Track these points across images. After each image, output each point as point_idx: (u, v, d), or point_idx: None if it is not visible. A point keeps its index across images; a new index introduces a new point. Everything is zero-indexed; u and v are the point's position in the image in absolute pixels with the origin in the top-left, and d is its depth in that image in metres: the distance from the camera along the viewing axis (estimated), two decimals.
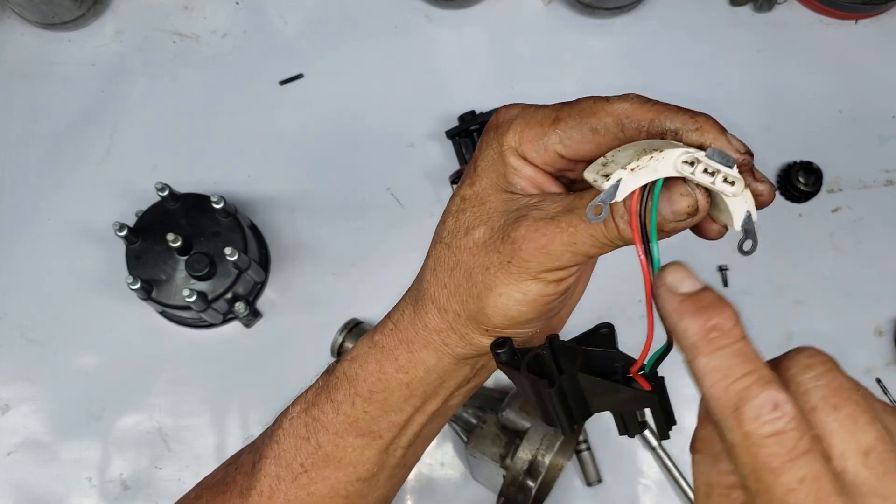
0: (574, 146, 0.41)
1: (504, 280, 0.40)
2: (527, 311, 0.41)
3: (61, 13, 0.88)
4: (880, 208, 0.87)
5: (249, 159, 0.88)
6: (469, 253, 0.42)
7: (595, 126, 0.40)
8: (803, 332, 0.85)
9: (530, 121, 0.42)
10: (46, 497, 0.81)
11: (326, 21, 0.92)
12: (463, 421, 0.76)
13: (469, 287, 0.42)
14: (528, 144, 0.42)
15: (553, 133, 0.41)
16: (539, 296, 0.41)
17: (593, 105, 0.41)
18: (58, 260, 0.86)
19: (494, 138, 0.42)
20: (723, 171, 0.35)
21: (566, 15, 0.92)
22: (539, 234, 0.39)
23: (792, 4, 0.92)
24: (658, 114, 0.40)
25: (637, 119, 0.40)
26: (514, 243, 0.40)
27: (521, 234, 0.40)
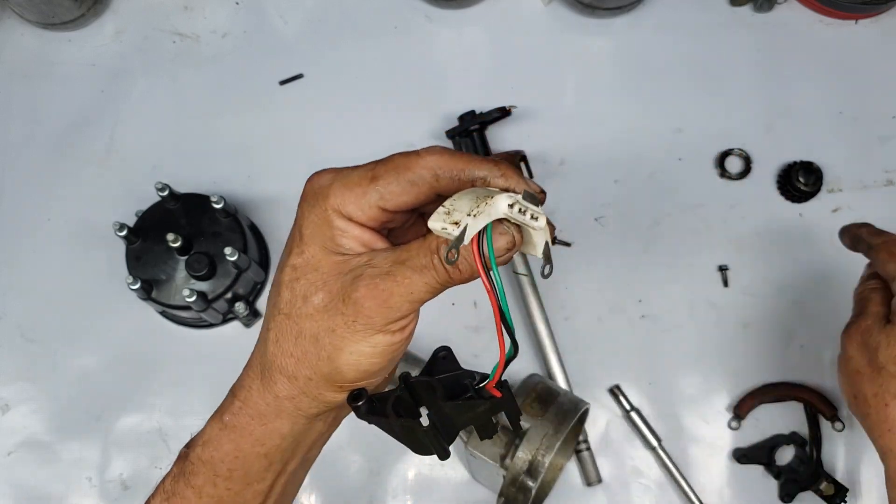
0: (395, 199, 0.44)
1: (352, 339, 0.43)
2: (378, 361, 0.44)
3: (61, 13, 0.88)
4: (880, 208, 0.87)
5: (249, 159, 0.88)
6: (311, 319, 0.44)
7: (412, 179, 0.44)
8: (803, 332, 0.85)
9: (348, 182, 0.44)
10: (46, 497, 0.81)
11: (326, 21, 0.92)
12: None
13: (318, 351, 0.44)
14: (351, 205, 0.44)
15: (373, 190, 0.44)
16: (387, 346, 0.44)
17: (406, 160, 0.44)
18: (58, 260, 0.86)
19: (315, 204, 0.45)
20: (531, 209, 0.41)
21: (566, 15, 0.92)
22: (378, 291, 0.42)
23: (792, 4, 0.92)
24: (466, 164, 0.44)
25: (449, 169, 0.44)
26: (356, 303, 0.42)
27: (361, 293, 0.42)
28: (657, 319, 0.85)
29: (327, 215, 0.44)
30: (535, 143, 0.88)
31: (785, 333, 0.85)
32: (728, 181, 0.88)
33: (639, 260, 0.86)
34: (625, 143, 0.89)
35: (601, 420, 0.82)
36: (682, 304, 0.85)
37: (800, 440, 0.81)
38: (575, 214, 0.87)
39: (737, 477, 0.82)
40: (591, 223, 0.87)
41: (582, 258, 0.86)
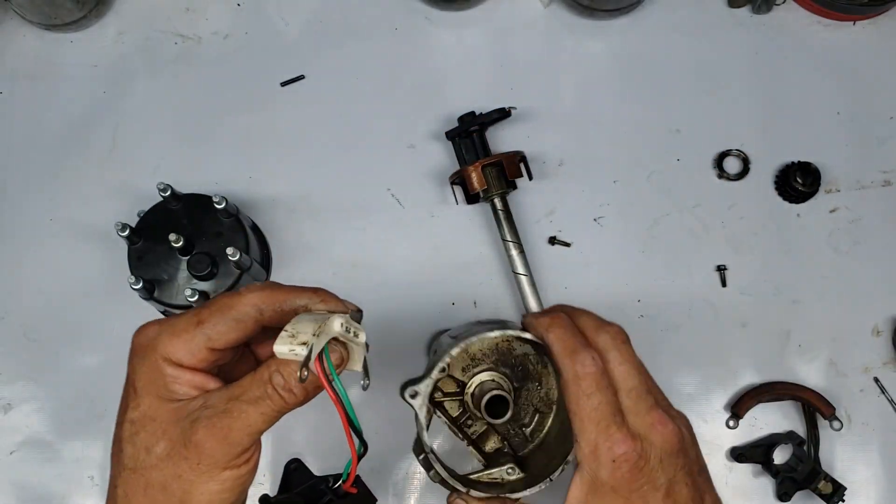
0: (222, 338, 0.46)
1: (199, 480, 0.45)
2: (229, 497, 0.46)
3: (63, 14, 0.89)
4: (878, 209, 0.88)
5: (251, 160, 0.89)
6: (156, 469, 0.46)
7: (237, 317, 0.46)
8: (801, 331, 0.85)
9: (175, 329, 0.46)
10: (48, 496, 0.82)
11: (327, 23, 0.92)
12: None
13: (168, 499, 0.46)
14: (180, 351, 0.46)
15: (200, 333, 0.46)
16: (235, 480, 0.46)
17: (230, 300, 0.47)
18: (60, 260, 0.86)
19: (145, 356, 0.46)
20: (354, 327, 0.46)
21: (565, 17, 0.93)
22: (217, 430, 0.44)
23: (790, 6, 0.93)
24: (287, 295, 0.47)
25: (272, 303, 0.47)
26: (197, 446, 0.44)
27: (200, 435, 0.44)
28: (656, 319, 0.85)
29: (158, 365, 0.46)
30: (535, 143, 0.88)
31: (783, 333, 0.85)
32: (726, 181, 0.89)
33: (637, 260, 0.87)
34: (624, 143, 0.89)
35: None
36: (681, 304, 0.86)
37: (798, 439, 0.82)
38: (574, 214, 0.88)
39: (735, 476, 0.83)
40: (590, 223, 0.88)
41: (581, 258, 0.86)
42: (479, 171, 0.81)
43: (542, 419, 0.59)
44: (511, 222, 0.83)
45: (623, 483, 0.48)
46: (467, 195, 0.85)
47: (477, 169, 0.81)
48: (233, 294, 0.47)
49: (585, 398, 0.49)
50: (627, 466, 0.48)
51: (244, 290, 0.47)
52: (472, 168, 0.81)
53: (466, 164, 0.84)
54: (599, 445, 0.48)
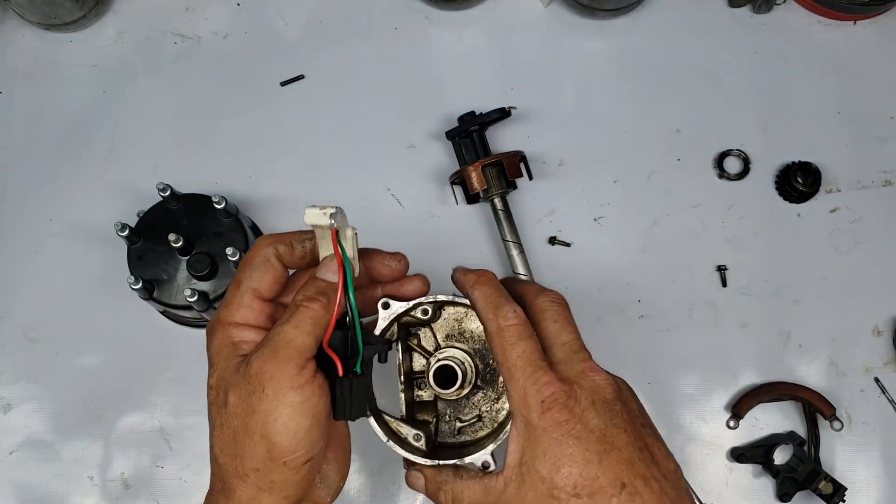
0: (261, 284, 0.52)
1: (270, 406, 0.47)
2: (302, 420, 0.48)
3: (63, 14, 0.89)
4: (878, 209, 0.88)
5: (251, 160, 0.89)
6: (236, 417, 0.49)
7: (261, 261, 0.53)
8: (801, 331, 0.85)
9: (225, 301, 0.52)
10: (48, 496, 0.82)
11: (327, 22, 0.92)
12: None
13: (251, 436, 0.48)
14: (237, 313, 0.51)
15: (244, 290, 0.52)
16: (302, 403, 0.48)
17: (248, 255, 0.53)
18: (60, 260, 0.86)
19: (213, 333, 0.52)
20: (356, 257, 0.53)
21: (565, 16, 0.92)
22: (267, 355, 0.48)
23: (790, 6, 0.93)
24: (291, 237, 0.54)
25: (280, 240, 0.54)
26: (256, 376, 0.48)
27: (255, 366, 0.48)
28: (656, 319, 0.85)
29: (225, 332, 0.51)
30: (535, 143, 0.88)
31: (783, 333, 0.85)
32: (727, 181, 0.89)
33: (638, 260, 0.87)
34: (624, 143, 0.89)
35: None
36: (681, 304, 0.86)
37: (798, 439, 0.82)
38: (574, 214, 0.87)
39: (735, 476, 0.83)
40: (590, 223, 0.88)
41: (581, 258, 0.86)
42: (479, 171, 0.81)
43: (479, 428, 0.59)
44: (511, 222, 0.83)
45: (554, 424, 0.47)
46: (467, 195, 0.85)
47: (477, 169, 0.81)
48: (249, 252, 0.53)
49: (510, 347, 0.50)
50: (557, 406, 0.48)
51: (256, 242, 0.54)
52: (472, 168, 0.81)
53: (466, 164, 0.83)
54: (527, 390, 0.49)
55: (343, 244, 0.51)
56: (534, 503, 0.48)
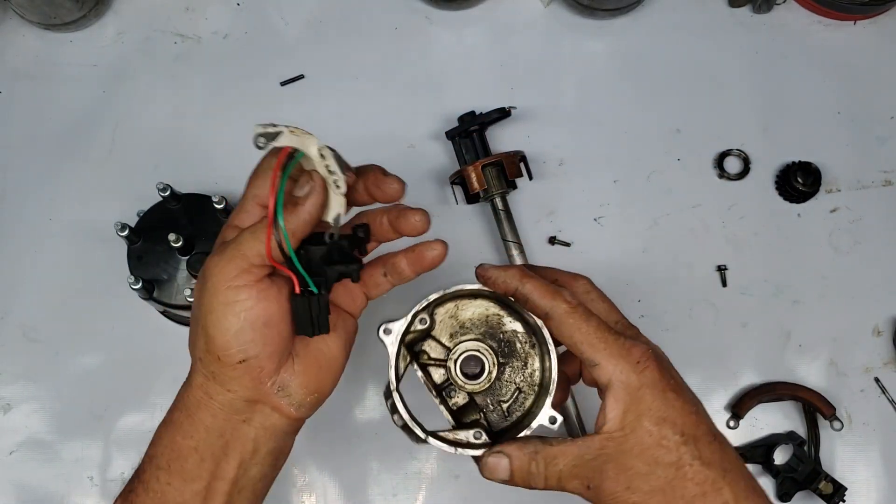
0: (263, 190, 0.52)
1: (209, 303, 0.50)
2: (236, 321, 0.50)
3: (63, 14, 0.89)
4: (878, 208, 0.88)
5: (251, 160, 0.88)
6: (193, 306, 0.52)
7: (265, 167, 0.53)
8: (802, 331, 0.85)
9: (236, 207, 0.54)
10: (48, 496, 0.82)
11: (327, 22, 0.92)
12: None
13: (195, 326, 0.52)
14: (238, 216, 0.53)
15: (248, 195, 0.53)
16: (235, 303, 0.50)
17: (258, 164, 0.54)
18: (59, 260, 0.86)
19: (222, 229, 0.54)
20: (333, 165, 0.50)
21: (565, 16, 0.92)
22: (217, 254, 0.51)
23: (790, 5, 0.93)
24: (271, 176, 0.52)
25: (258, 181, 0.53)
26: (205, 269, 0.51)
27: (207, 262, 0.51)
28: (656, 319, 0.85)
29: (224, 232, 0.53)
30: (535, 143, 0.88)
31: (783, 333, 0.85)
32: (727, 181, 0.89)
33: (638, 260, 0.87)
34: (624, 143, 0.89)
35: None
36: (681, 304, 0.86)
37: (798, 439, 0.82)
38: (574, 214, 0.87)
39: None
40: (590, 223, 0.88)
41: (581, 258, 0.86)
42: (479, 170, 0.81)
43: (523, 399, 0.60)
44: (511, 222, 0.83)
45: (653, 381, 0.51)
46: (467, 195, 0.85)
47: (477, 169, 0.81)
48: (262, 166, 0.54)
49: (584, 324, 0.52)
50: (651, 365, 0.51)
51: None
52: (472, 168, 0.81)
53: (466, 163, 0.83)
54: (619, 356, 0.51)
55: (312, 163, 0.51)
56: (641, 454, 0.50)
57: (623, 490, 0.51)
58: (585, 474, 0.52)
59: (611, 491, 0.51)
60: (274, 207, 0.49)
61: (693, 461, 0.50)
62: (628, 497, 0.51)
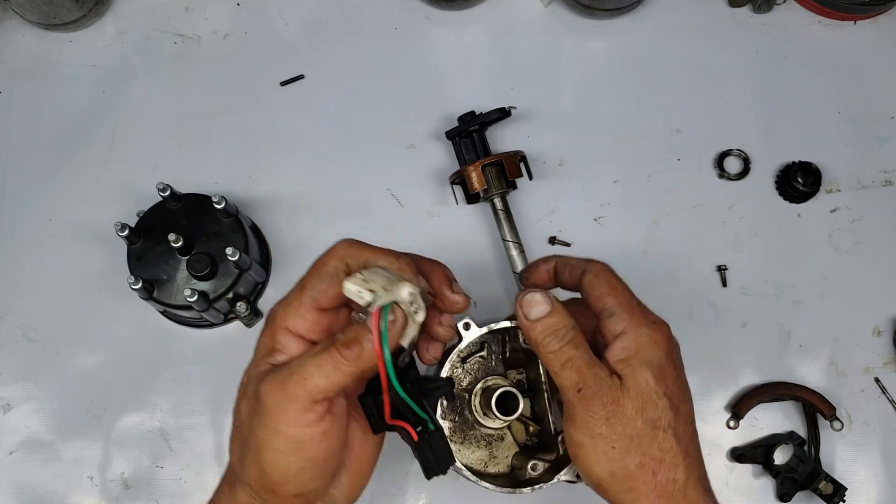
0: (323, 295, 0.50)
1: (266, 437, 0.47)
2: (295, 461, 0.47)
3: (63, 14, 0.89)
4: (879, 209, 0.88)
5: (250, 160, 0.89)
6: (245, 428, 0.49)
7: (330, 272, 0.50)
8: (802, 331, 0.85)
9: (287, 300, 0.51)
10: (48, 496, 0.82)
11: (327, 22, 0.92)
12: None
13: (249, 453, 0.48)
14: (292, 317, 0.50)
15: (305, 296, 0.50)
16: (297, 444, 0.47)
17: (321, 259, 0.51)
18: (59, 260, 0.86)
19: (266, 326, 0.51)
20: (418, 304, 0.48)
21: (565, 16, 0.92)
22: (278, 384, 0.46)
23: (790, 5, 0.93)
24: (371, 254, 0.50)
25: (356, 258, 0.50)
26: (261, 401, 0.47)
27: (264, 389, 0.47)
28: None
29: (273, 333, 0.50)
30: (535, 143, 0.88)
31: (783, 333, 0.85)
32: (727, 181, 0.88)
33: (638, 260, 0.87)
34: (624, 143, 0.89)
35: None
36: (681, 304, 0.86)
37: (798, 439, 0.82)
38: (574, 214, 0.87)
39: (735, 476, 0.83)
40: (590, 223, 0.88)
41: None
42: (479, 170, 0.81)
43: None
44: (511, 222, 0.83)
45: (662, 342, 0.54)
46: (467, 195, 0.85)
47: (477, 169, 0.81)
48: (326, 252, 0.52)
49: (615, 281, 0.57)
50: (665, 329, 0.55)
51: (336, 244, 0.52)
52: (472, 168, 0.81)
53: (466, 163, 0.83)
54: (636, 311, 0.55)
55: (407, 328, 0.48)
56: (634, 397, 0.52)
57: (601, 418, 0.52)
58: (586, 379, 0.52)
59: (592, 410, 0.52)
60: (387, 377, 0.47)
61: (668, 428, 0.52)
62: (599, 427, 0.52)
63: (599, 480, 0.53)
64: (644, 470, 0.52)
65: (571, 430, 0.53)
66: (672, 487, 0.52)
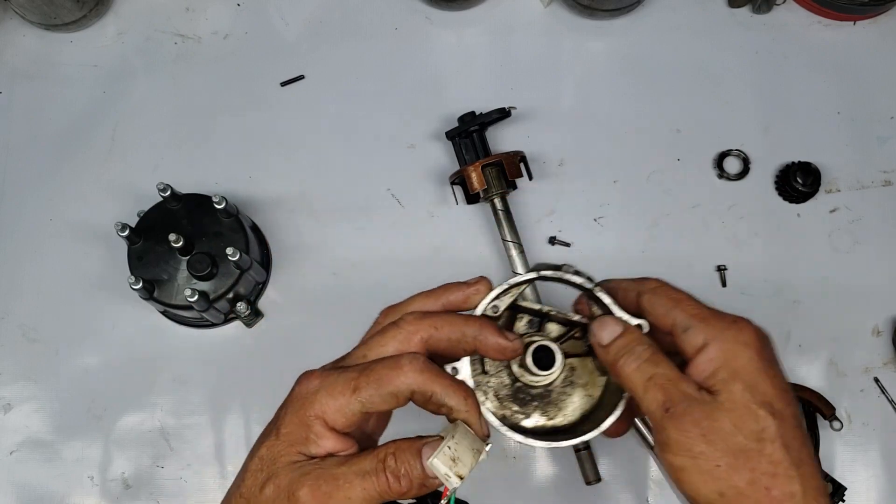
0: (374, 408, 0.47)
1: None
2: None
3: (63, 14, 0.89)
4: (878, 209, 0.88)
5: (251, 160, 0.89)
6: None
7: (393, 392, 0.47)
8: (801, 331, 0.85)
9: (332, 391, 0.47)
10: (48, 496, 0.82)
11: (327, 22, 0.92)
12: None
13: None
14: (333, 412, 0.47)
15: (355, 400, 0.47)
16: None
17: (388, 375, 0.47)
18: (60, 260, 0.86)
19: (300, 408, 0.48)
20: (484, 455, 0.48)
21: (565, 16, 0.93)
22: (320, 493, 0.45)
23: (790, 6, 0.93)
24: (441, 389, 0.48)
25: (425, 391, 0.47)
26: (296, 499, 0.45)
27: (303, 493, 0.45)
28: None
29: (307, 421, 0.47)
30: (535, 143, 0.88)
31: (783, 333, 0.85)
32: (726, 181, 0.89)
33: (638, 260, 0.87)
34: (623, 143, 0.89)
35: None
36: None
37: None
38: (574, 214, 0.87)
39: None
40: (590, 223, 0.88)
41: (581, 258, 0.86)
42: (479, 171, 0.81)
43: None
44: (511, 222, 0.83)
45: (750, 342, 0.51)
46: (467, 195, 0.85)
47: (477, 169, 0.81)
48: (393, 365, 0.48)
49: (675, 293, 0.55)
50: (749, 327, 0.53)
51: (405, 362, 0.48)
52: (472, 168, 0.81)
53: (466, 164, 0.84)
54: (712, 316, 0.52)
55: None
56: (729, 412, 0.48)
57: (697, 436, 0.48)
58: (673, 397, 0.48)
59: (685, 429, 0.48)
60: None
61: (775, 439, 0.47)
62: (698, 446, 0.48)
63: (709, 503, 0.49)
64: (755, 487, 0.47)
65: (669, 456, 0.49)
66: (790, 502, 0.48)
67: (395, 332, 0.50)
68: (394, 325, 0.50)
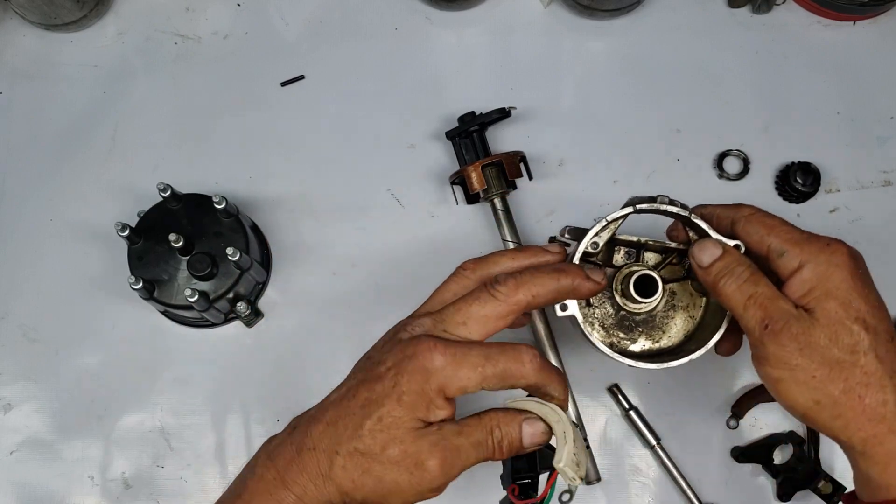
0: (492, 387, 0.52)
1: (409, 492, 0.51)
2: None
3: (63, 14, 0.89)
4: (878, 209, 0.88)
5: (251, 160, 0.89)
6: (382, 466, 0.50)
7: (513, 384, 0.52)
8: None
9: (458, 371, 0.51)
10: (48, 496, 0.82)
11: (327, 23, 0.92)
12: None
13: (375, 487, 0.51)
14: (453, 390, 0.51)
15: (477, 385, 0.51)
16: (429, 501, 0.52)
17: (514, 370, 0.52)
18: (60, 260, 0.86)
19: (424, 381, 0.51)
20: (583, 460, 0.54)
21: (565, 16, 0.93)
22: (446, 463, 0.50)
23: (790, 6, 0.93)
24: (547, 381, 0.53)
25: (538, 385, 0.53)
26: (424, 468, 0.50)
27: (432, 462, 0.50)
28: None
29: (430, 394, 0.51)
30: (535, 143, 0.88)
31: None
32: (726, 182, 0.89)
33: None
34: (624, 143, 0.89)
35: (600, 419, 0.83)
36: None
37: (798, 439, 0.82)
38: (574, 215, 0.87)
39: (735, 476, 0.83)
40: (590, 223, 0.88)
41: None
42: (479, 171, 0.81)
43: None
44: (511, 222, 0.83)
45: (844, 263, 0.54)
46: (467, 195, 0.85)
47: (477, 169, 0.81)
48: (516, 359, 0.52)
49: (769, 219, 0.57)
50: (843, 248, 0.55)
51: (527, 358, 0.52)
52: (472, 168, 0.81)
53: (466, 164, 0.84)
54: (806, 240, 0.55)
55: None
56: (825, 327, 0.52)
57: (794, 350, 0.52)
58: (772, 314, 0.52)
59: (783, 343, 0.52)
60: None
61: (868, 351, 0.51)
62: (795, 359, 0.52)
63: (805, 411, 0.53)
64: (850, 395, 0.51)
65: (767, 369, 0.54)
66: (883, 409, 0.51)
67: (494, 304, 0.53)
68: (489, 294, 0.53)
